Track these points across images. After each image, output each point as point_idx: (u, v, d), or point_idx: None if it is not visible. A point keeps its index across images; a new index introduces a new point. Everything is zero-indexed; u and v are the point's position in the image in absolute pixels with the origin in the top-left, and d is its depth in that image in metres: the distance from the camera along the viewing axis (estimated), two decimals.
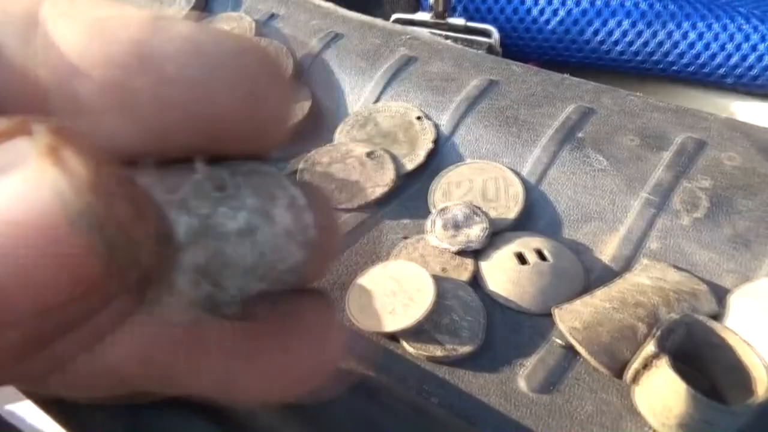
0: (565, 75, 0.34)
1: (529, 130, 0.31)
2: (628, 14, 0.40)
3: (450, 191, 0.30)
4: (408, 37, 0.38)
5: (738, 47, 0.39)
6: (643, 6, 0.40)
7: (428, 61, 0.36)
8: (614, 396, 0.22)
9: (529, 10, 0.42)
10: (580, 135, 0.31)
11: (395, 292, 0.25)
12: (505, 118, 0.32)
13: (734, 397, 0.21)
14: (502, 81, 0.34)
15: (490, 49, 0.43)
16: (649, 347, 0.21)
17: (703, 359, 0.22)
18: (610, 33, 0.41)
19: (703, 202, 0.27)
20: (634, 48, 0.41)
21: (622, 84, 0.40)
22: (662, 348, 0.20)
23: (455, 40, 0.43)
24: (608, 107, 0.32)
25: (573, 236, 0.28)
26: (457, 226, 0.28)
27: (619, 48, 0.41)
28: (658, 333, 0.21)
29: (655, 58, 0.41)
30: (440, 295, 0.25)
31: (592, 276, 0.27)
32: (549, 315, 0.25)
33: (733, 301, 0.24)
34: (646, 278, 0.25)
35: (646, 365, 0.21)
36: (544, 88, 0.33)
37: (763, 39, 0.39)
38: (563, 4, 0.42)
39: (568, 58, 0.44)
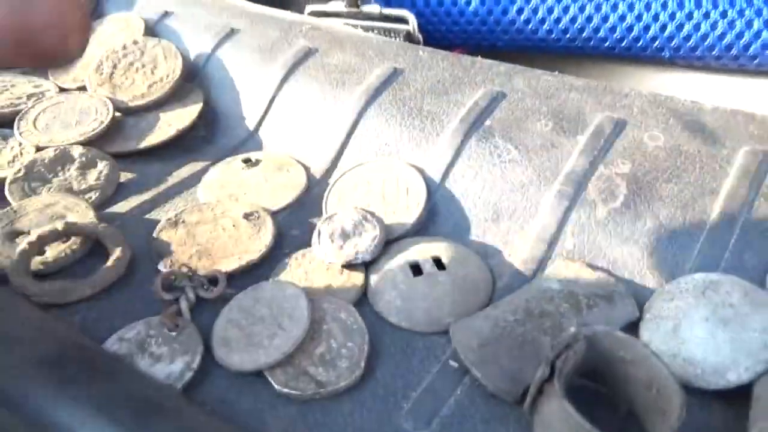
0: (477, 57, 0.31)
1: (434, 121, 0.28)
2: None
3: (345, 195, 0.27)
4: (308, 27, 0.35)
5: (672, 16, 0.36)
6: None
7: (328, 52, 0.33)
8: (513, 428, 0.19)
9: None
10: (488, 123, 0.27)
11: (264, 319, 0.21)
12: (408, 109, 0.29)
13: (651, 420, 0.18)
14: (407, 69, 0.31)
15: (408, 37, 0.39)
16: (541, 370, 0.17)
17: (615, 376, 0.19)
18: (535, 10, 0.38)
19: (621, 190, 0.24)
20: (561, 25, 0.38)
21: (556, 65, 0.36)
22: (554, 370, 0.17)
23: (372, 29, 0.39)
24: (520, 90, 0.28)
25: (481, 238, 0.25)
26: (345, 236, 0.24)
27: (546, 27, 0.38)
28: (551, 352, 0.17)
29: (585, 35, 0.38)
30: (316, 320, 0.21)
31: (501, 283, 0.23)
32: (446, 333, 0.21)
33: (654, 303, 0.21)
34: (556, 282, 0.22)
35: (540, 391, 0.17)
36: (452, 74, 0.30)
37: (698, 5, 0.36)
38: None
39: (495, 41, 0.40)
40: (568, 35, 0.38)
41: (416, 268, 0.23)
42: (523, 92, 0.28)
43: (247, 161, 0.29)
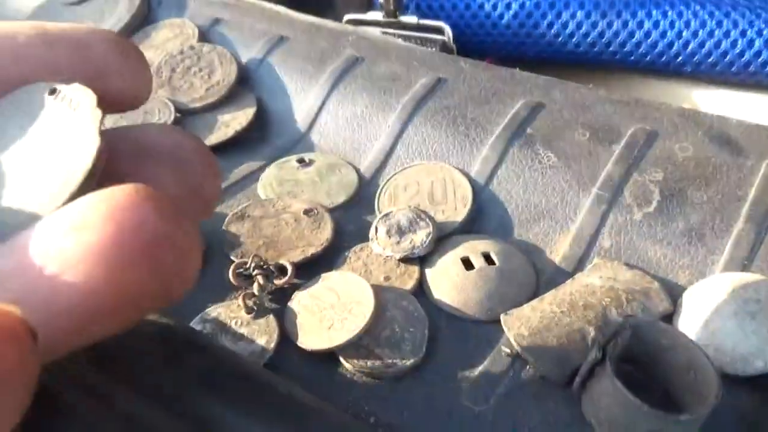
0: (515, 69, 0.33)
1: (478, 129, 0.30)
2: (581, 5, 0.39)
3: (397, 195, 0.29)
4: (355, 37, 0.37)
5: (694, 34, 0.38)
6: None
7: (375, 61, 0.35)
8: (562, 406, 0.21)
9: (481, 5, 0.41)
10: (529, 131, 0.30)
11: (334, 305, 0.23)
12: (453, 117, 0.31)
13: (688, 402, 0.20)
14: (450, 79, 0.33)
15: (444, 47, 0.41)
16: (593, 353, 0.19)
17: (655, 362, 0.21)
18: (565, 25, 0.40)
19: (655, 196, 0.26)
20: (589, 39, 0.40)
21: (582, 77, 0.39)
22: (605, 354, 0.19)
23: (408, 38, 0.42)
24: (558, 101, 0.31)
25: (524, 237, 0.27)
26: (401, 232, 0.26)
27: (574, 40, 0.40)
28: (601, 338, 0.19)
29: (612, 49, 0.40)
30: (381, 307, 0.23)
31: (544, 278, 0.26)
32: (497, 322, 0.23)
33: (687, 298, 0.23)
34: (597, 278, 0.24)
35: (591, 373, 0.20)
36: (492, 84, 0.32)
37: (719, 25, 0.38)
38: None
39: (525, 52, 0.42)
40: (595, 48, 0.40)
41: (467, 263, 0.25)
42: (561, 103, 0.31)
43: (301, 161, 0.32)
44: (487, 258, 0.26)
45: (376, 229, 0.27)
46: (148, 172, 0.13)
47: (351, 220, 0.29)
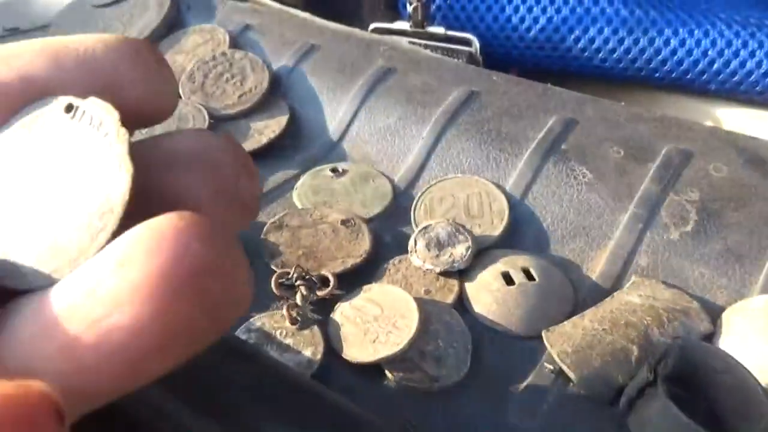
0: (547, 85, 0.34)
1: (512, 143, 0.31)
2: (608, 22, 0.40)
3: (433, 207, 0.29)
4: (386, 48, 0.37)
5: (720, 53, 0.39)
6: (624, 13, 0.40)
7: (407, 73, 0.35)
8: (607, 424, 0.21)
9: (509, 18, 0.42)
10: (563, 147, 0.30)
11: (378, 318, 0.24)
12: (487, 130, 0.31)
13: (734, 422, 0.20)
14: (482, 92, 0.33)
15: (471, 58, 0.42)
16: (643, 374, 0.20)
17: (700, 382, 0.21)
18: (592, 41, 0.40)
19: (692, 216, 0.26)
20: (616, 55, 0.40)
21: (606, 92, 0.39)
22: (656, 375, 0.19)
23: (435, 49, 0.42)
24: (591, 118, 0.31)
25: (560, 252, 0.27)
26: (440, 246, 0.27)
27: (601, 55, 0.41)
28: (652, 359, 0.20)
29: (637, 65, 0.41)
30: (425, 321, 0.24)
31: (581, 294, 0.26)
32: (538, 337, 0.24)
33: (727, 319, 0.23)
34: (636, 297, 0.24)
35: (640, 392, 0.20)
36: (525, 99, 0.33)
37: (744, 45, 0.39)
38: (543, 12, 0.41)
39: (550, 65, 0.43)
40: (621, 65, 0.41)
41: (507, 278, 0.26)
42: (594, 120, 0.31)
43: (334, 171, 0.32)
44: (526, 273, 0.26)
45: (415, 242, 0.27)
46: (180, 179, 0.13)
47: (387, 231, 0.29)
